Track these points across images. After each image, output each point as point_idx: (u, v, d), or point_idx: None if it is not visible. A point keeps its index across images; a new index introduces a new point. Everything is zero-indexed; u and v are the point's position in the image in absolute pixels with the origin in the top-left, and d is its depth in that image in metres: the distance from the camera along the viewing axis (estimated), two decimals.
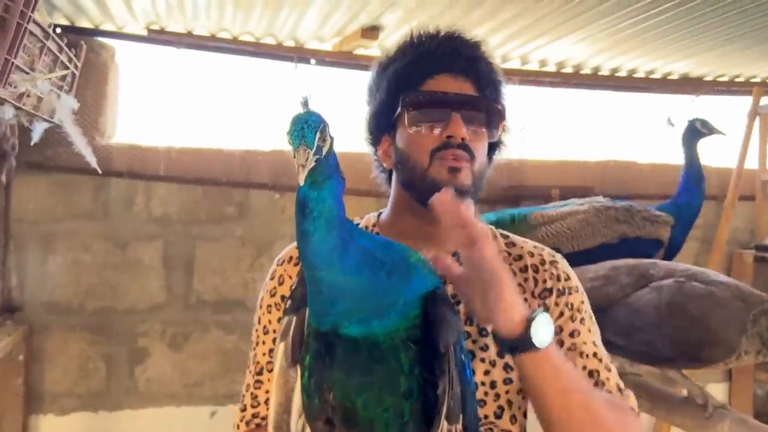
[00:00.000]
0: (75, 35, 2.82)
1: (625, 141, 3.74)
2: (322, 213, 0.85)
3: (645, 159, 3.71)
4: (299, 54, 3.19)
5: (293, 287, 1.01)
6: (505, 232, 1.26)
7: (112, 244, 3.05)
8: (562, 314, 1.15)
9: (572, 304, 1.17)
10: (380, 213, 1.28)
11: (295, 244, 1.15)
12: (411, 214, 1.18)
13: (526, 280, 1.18)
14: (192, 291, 3.14)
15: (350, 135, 1.23)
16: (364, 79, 1.28)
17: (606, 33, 2.92)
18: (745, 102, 3.68)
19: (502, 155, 1.26)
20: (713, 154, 3.78)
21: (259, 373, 1.23)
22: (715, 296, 2.02)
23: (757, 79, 3.71)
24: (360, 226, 1.21)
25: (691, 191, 2.96)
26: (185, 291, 3.13)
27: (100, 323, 3.05)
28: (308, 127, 0.81)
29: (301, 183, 0.81)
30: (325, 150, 0.83)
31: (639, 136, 3.77)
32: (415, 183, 1.14)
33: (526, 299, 1.13)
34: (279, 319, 1.15)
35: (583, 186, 3.54)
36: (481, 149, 1.16)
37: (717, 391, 3.76)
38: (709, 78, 3.67)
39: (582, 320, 1.16)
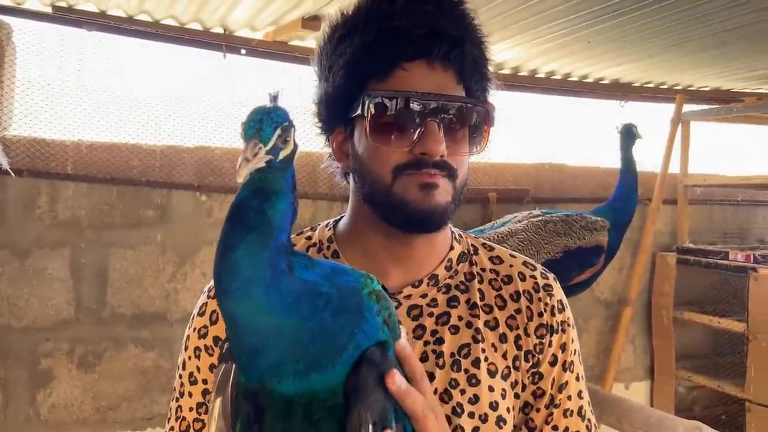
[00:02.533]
0: None
1: (559, 144, 3.75)
2: (255, 225, 0.68)
3: (576, 162, 3.75)
4: (228, 42, 2.92)
5: None
6: (488, 243, 1.07)
7: (10, 252, 2.65)
8: (555, 359, 1.00)
9: (566, 345, 1.01)
10: (337, 221, 1.05)
11: None
12: (375, 231, 0.96)
13: (518, 311, 0.99)
14: (105, 304, 2.80)
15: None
16: (300, 71, 1.06)
17: (546, 38, 2.91)
18: (669, 109, 3.80)
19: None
20: (639, 158, 3.89)
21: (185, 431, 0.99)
22: None
23: (680, 87, 3.84)
24: (313, 240, 1.02)
25: (628, 197, 3.01)
26: (97, 304, 2.78)
27: None
28: (268, 120, 0.66)
29: (240, 179, 0.65)
30: (283, 154, 0.68)
31: (571, 139, 3.80)
32: (379, 200, 0.92)
33: (518, 336, 0.98)
34: (211, 367, 0.95)
35: (519, 189, 3.52)
36: (462, 162, 0.93)
37: (639, 389, 3.89)
38: (636, 84, 3.76)
39: (572, 365, 1.01)
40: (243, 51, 2.98)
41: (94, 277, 2.77)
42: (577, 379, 1.02)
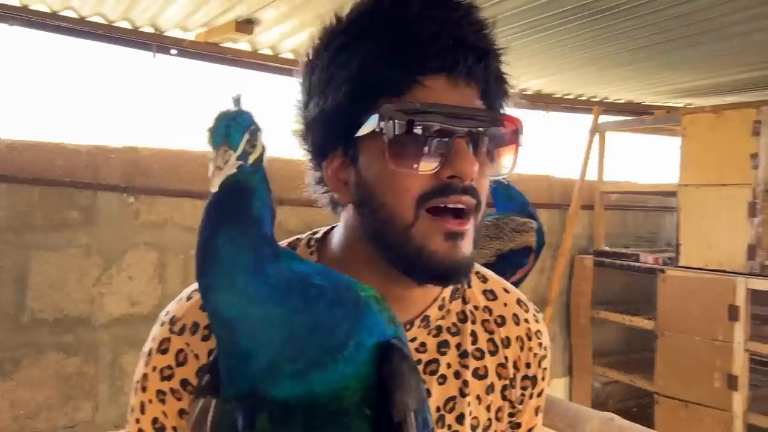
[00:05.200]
0: None
1: None
2: (233, 214, 0.65)
3: None
4: (159, 42, 2.88)
5: (212, 357, 0.72)
6: (481, 271, 0.95)
7: None
8: (532, 409, 0.95)
9: (542, 390, 0.95)
10: (320, 240, 0.90)
11: (197, 300, 0.83)
12: (374, 272, 0.81)
13: (507, 359, 0.91)
14: (24, 309, 2.69)
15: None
16: (232, 73, 0.85)
17: None
18: (587, 119, 4.03)
19: None
20: (558, 167, 4.11)
21: None
22: None
23: (597, 99, 4.07)
24: None
25: (511, 191, 3.13)
26: (16, 309, 2.67)
27: None
28: (235, 126, 0.63)
29: (213, 189, 0.62)
30: (252, 158, 0.65)
31: None
32: (392, 243, 0.78)
33: (505, 386, 0.91)
34: (180, 413, 0.82)
35: None
36: (485, 190, 0.80)
37: (559, 385, 4.08)
38: (557, 96, 3.95)
39: (540, 408, 0.97)
40: (174, 51, 2.94)
41: (13, 280, 2.66)
42: (539, 416, 0.99)
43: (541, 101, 3.92)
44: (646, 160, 4.53)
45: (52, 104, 2.73)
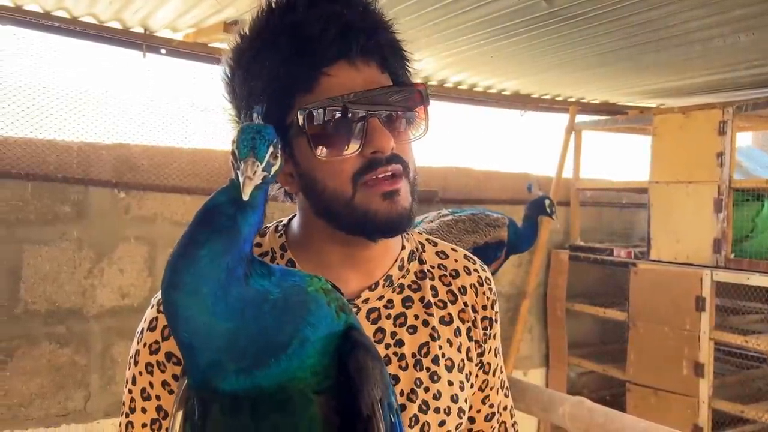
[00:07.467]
0: None
1: (466, 149, 4.03)
2: (224, 230, 0.70)
3: (481, 166, 4.04)
4: (149, 42, 2.96)
5: None
6: (431, 238, 1.08)
7: None
8: (493, 350, 1.06)
9: (497, 333, 1.07)
10: (286, 225, 1.01)
11: None
12: (332, 241, 0.94)
13: (466, 304, 1.03)
14: (18, 300, 2.77)
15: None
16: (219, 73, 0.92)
17: (455, 52, 3.14)
18: (563, 118, 4.17)
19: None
20: (535, 164, 4.25)
21: None
22: None
23: (573, 100, 4.22)
24: (264, 248, 0.99)
25: (529, 237, 3.25)
26: (9, 301, 2.75)
27: None
28: (261, 139, 0.69)
29: (246, 197, 0.66)
30: (274, 169, 0.71)
31: (477, 144, 4.09)
32: (340, 215, 0.89)
33: (470, 328, 1.02)
34: (164, 384, 0.92)
35: (428, 190, 3.75)
36: (410, 151, 0.91)
37: (536, 375, 4.22)
38: (535, 95, 4.09)
39: (498, 349, 1.08)
40: (163, 51, 3.03)
41: (6, 273, 2.74)
42: (498, 356, 1.09)
43: (519, 101, 4.06)
44: (621, 158, 4.69)
45: (44, 102, 2.80)
